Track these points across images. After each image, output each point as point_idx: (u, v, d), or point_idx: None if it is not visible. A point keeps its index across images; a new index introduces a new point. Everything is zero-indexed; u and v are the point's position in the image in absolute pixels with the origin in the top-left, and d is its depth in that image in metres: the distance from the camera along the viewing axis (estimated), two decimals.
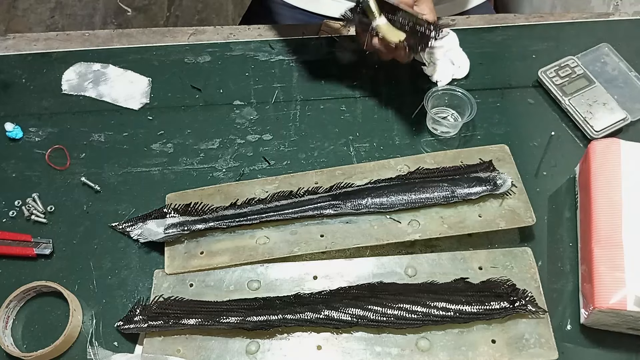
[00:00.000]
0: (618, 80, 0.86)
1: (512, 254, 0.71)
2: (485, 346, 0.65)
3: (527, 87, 0.89)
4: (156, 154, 0.85)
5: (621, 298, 0.62)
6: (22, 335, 0.71)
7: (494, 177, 0.74)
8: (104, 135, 0.87)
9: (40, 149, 0.85)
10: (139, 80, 0.91)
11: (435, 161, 0.78)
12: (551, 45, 0.92)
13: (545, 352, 0.64)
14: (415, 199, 0.73)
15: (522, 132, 0.84)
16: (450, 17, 0.97)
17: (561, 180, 0.80)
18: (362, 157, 0.83)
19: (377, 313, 0.65)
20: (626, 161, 0.70)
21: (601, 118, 0.82)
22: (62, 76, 0.92)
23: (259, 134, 0.86)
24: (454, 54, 0.90)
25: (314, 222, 0.74)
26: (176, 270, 0.72)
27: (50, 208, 0.79)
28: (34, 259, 0.76)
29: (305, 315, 0.66)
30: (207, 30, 0.98)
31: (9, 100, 0.90)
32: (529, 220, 0.72)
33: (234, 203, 0.76)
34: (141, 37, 0.98)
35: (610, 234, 0.66)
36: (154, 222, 0.75)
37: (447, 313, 0.65)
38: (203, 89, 0.91)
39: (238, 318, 0.66)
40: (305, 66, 0.93)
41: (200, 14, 2.08)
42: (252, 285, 0.70)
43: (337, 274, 0.71)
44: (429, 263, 0.71)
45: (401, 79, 0.90)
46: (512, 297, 0.66)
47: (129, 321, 0.68)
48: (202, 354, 0.66)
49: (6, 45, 0.97)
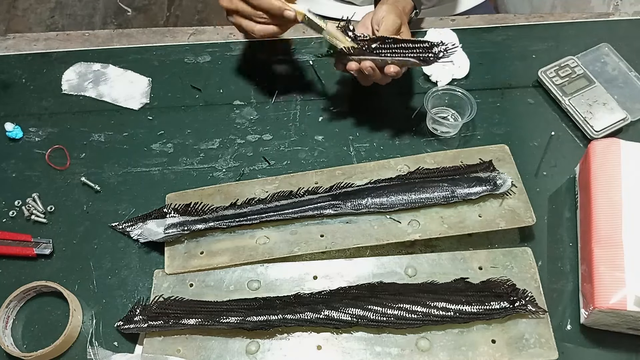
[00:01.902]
0: (618, 80, 0.86)
1: (512, 254, 0.71)
2: (485, 346, 0.65)
3: (527, 87, 0.89)
4: (156, 154, 0.85)
5: (621, 298, 0.62)
6: (22, 335, 0.71)
7: (494, 177, 0.74)
8: (104, 135, 0.87)
9: (40, 149, 0.85)
10: (139, 80, 0.91)
11: (435, 161, 0.78)
12: (551, 45, 0.92)
13: (545, 352, 0.64)
14: (415, 199, 0.73)
15: (522, 132, 0.84)
16: (450, 17, 0.97)
17: (561, 180, 0.80)
18: (362, 157, 0.83)
19: (377, 313, 0.65)
20: (626, 161, 0.70)
21: (601, 118, 0.82)
22: (62, 76, 0.92)
23: (259, 134, 0.86)
24: (454, 54, 0.90)
25: (314, 222, 0.74)
26: (176, 270, 0.72)
27: (50, 208, 0.79)
28: (34, 259, 0.76)
29: (305, 315, 0.66)
30: (207, 30, 0.98)
31: (9, 100, 0.90)
32: (529, 220, 0.72)
33: (234, 203, 0.76)
34: (141, 37, 0.98)
35: (610, 234, 0.66)
36: (154, 222, 0.75)
37: (447, 313, 0.65)
38: (203, 89, 0.91)
39: (238, 318, 0.66)
40: (305, 66, 0.93)
41: (200, 14, 2.08)
42: (252, 285, 0.70)
43: (337, 274, 0.71)
44: (429, 263, 0.71)
45: (401, 79, 0.90)
46: (512, 297, 0.66)
47: (129, 321, 0.68)
48: (202, 354, 0.66)
49: (6, 45, 0.97)
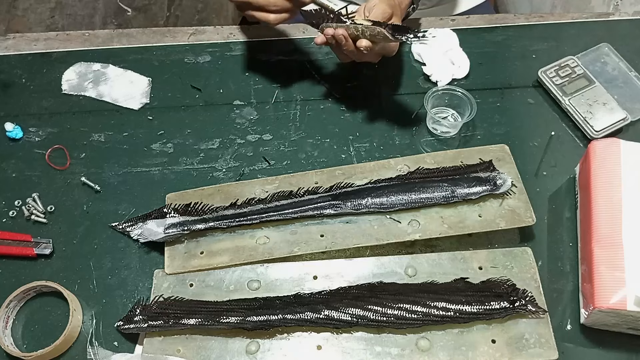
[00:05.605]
0: (618, 80, 0.86)
1: (512, 254, 0.71)
2: (485, 346, 0.65)
3: (527, 87, 0.89)
4: (156, 154, 0.85)
5: (621, 298, 0.62)
6: (22, 335, 0.71)
7: (494, 177, 0.74)
8: (104, 135, 0.87)
9: (40, 149, 0.85)
10: (139, 80, 0.91)
11: (435, 161, 0.78)
12: (551, 45, 0.92)
13: (545, 352, 0.64)
14: (415, 199, 0.73)
15: (522, 132, 0.84)
16: (451, 17, 0.97)
17: (561, 180, 0.80)
18: (362, 157, 0.83)
19: (377, 313, 0.65)
20: (626, 161, 0.70)
21: (601, 118, 0.82)
22: (62, 76, 0.92)
23: (259, 134, 0.86)
24: (454, 54, 0.90)
25: (314, 222, 0.74)
26: (176, 270, 0.72)
27: (50, 208, 0.79)
28: (34, 259, 0.76)
29: (305, 315, 0.66)
30: (207, 30, 0.98)
31: (9, 100, 0.90)
32: (529, 220, 0.72)
33: (234, 203, 0.76)
34: (141, 37, 0.98)
35: (610, 234, 0.66)
36: (154, 222, 0.75)
37: (447, 313, 0.65)
38: (203, 89, 0.91)
39: (238, 318, 0.66)
40: (305, 66, 0.93)
41: (200, 14, 2.08)
42: (252, 285, 0.70)
43: (337, 274, 0.71)
44: (429, 263, 0.71)
45: (401, 79, 0.91)
46: (512, 297, 0.66)
47: (129, 321, 0.68)
48: (202, 354, 0.66)
49: (6, 45, 0.97)
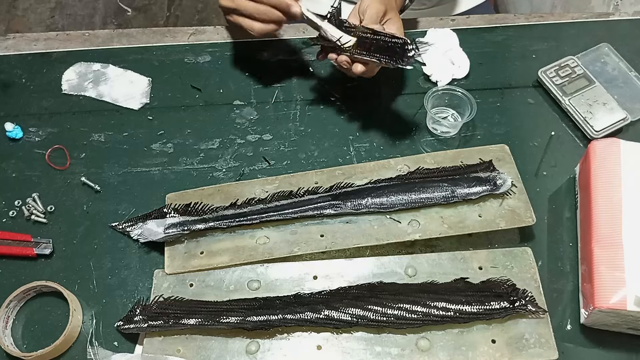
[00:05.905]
0: (618, 80, 0.86)
1: (512, 254, 0.71)
2: (485, 346, 0.65)
3: (527, 87, 0.89)
4: (156, 154, 0.85)
5: (621, 298, 0.62)
6: (22, 335, 0.71)
7: (494, 177, 0.74)
8: (104, 135, 0.87)
9: (40, 149, 0.85)
10: (139, 80, 0.91)
11: (435, 161, 0.78)
12: (551, 45, 0.92)
13: (545, 352, 0.64)
14: (415, 199, 0.73)
15: (522, 132, 0.84)
16: (450, 17, 0.97)
17: (561, 180, 0.80)
18: (362, 157, 0.83)
19: (377, 313, 0.65)
20: (626, 161, 0.70)
21: (601, 118, 0.82)
22: (62, 76, 0.92)
23: (259, 134, 0.86)
24: (454, 54, 0.90)
25: (314, 222, 0.74)
26: (176, 270, 0.72)
27: (50, 208, 0.79)
28: (34, 259, 0.76)
29: (305, 315, 0.66)
30: (207, 30, 0.98)
31: (9, 100, 0.90)
32: (529, 220, 0.72)
33: (234, 203, 0.76)
34: (141, 37, 0.98)
35: (610, 234, 0.66)
36: (154, 222, 0.75)
37: (447, 313, 0.65)
38: (203, 89, 0.91)
39: (238, 318, 0.66)
40: (305, 66, 0.93)
41: (200, 14, 2.08)
42: (252, 285, 0.70)
43: (337, 274, 0.71)
44: (429, 263, 0.71)
45: (401, 79, 0.90)
46: (512, 297, 0.66)
47: (129, 321, 0.68)
48: (202, 354, 0.66)
49: (6, 45, 0.97)
